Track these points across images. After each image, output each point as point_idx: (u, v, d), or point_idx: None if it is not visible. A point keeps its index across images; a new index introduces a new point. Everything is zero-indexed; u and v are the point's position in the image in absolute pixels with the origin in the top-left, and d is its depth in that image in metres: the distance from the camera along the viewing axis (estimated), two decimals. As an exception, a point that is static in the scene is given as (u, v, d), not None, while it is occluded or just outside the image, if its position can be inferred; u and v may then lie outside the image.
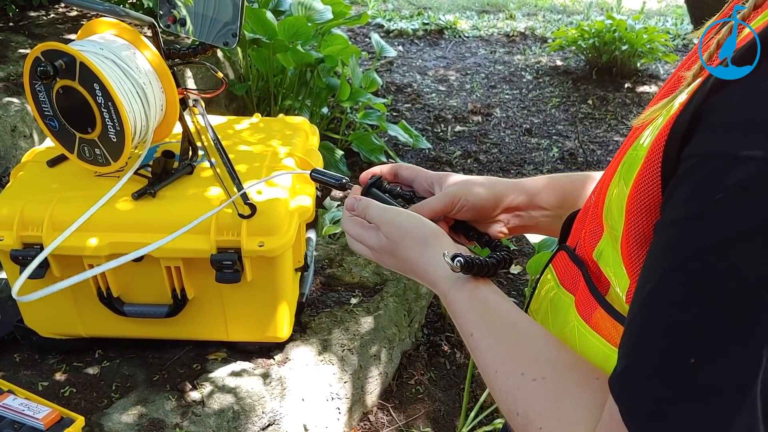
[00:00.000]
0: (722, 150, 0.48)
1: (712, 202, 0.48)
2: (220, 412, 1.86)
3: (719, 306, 0.48)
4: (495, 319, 0.71)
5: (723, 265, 0.48)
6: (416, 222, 0.83)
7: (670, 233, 0.52)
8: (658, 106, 0.62)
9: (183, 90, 1.90)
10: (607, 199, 0.67)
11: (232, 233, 1.77)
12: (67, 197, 1.84)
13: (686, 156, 0.51)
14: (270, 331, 1.97)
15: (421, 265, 0.80)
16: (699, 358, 0.49)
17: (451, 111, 4.54)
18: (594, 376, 0.64)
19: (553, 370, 0.65)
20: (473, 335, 0.71)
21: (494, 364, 0.68)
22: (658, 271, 0.52)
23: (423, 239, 0.81)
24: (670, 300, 0.50)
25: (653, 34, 5.01)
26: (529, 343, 0.68)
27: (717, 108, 0.49)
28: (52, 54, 1.70)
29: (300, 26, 3.40)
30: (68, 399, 1.92)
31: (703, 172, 0.49)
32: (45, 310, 1.98)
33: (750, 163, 0.46)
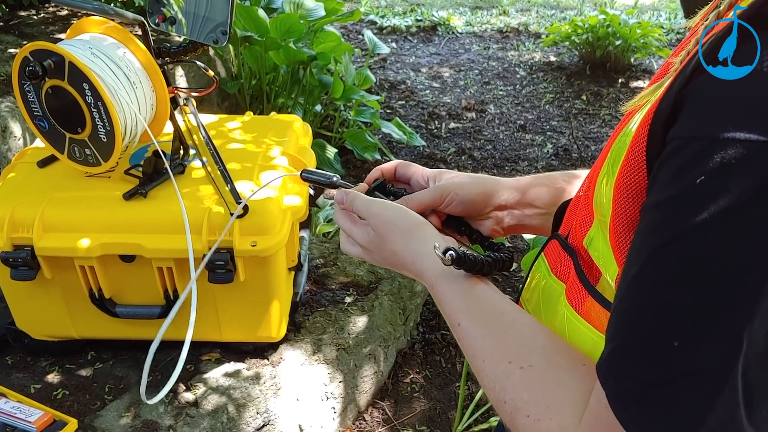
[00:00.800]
0: (704, 132, 0.48)
1: (694, 184, 0.48)
2: (214, 413, 1.85)
3: (701, 288, 0.48)
4: (482, 308, 0.71)
5: (705, 247, 0.48)
6: (401, 213, 0.82)
7: (654, 216, 0.52)
8: (647, 91, 0.63)
9: (174, 89, 1.89)
10: (597, 186, 0.67)
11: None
12: (58, 198, 1.83)
13: (670, 139, 0.51)
14: (264, 331, 1.95)
15: (408, 256, 0.79)
16: (682, 340, 0.49)
17: (444, 108, 4.53)
18: (581, 362, 0.64)
19: (541, 357, 0.64)
20: (461, 325, 0.71)
21: (482, 353, 0.68)
22: (642, 253, 0.52)
23: (407, 230, 0.80)
24: (654, 282, 0.51)
25: (647, 29, 5.01)
26: (516, 332, 0.68)
27: (699, 90, 0.50)
28: (41, 53, 1.68)
29: (292, 23, 3.38)
30: (61, 401, 1.90)
31: (685, 155, 0.49)
32: (37, 312, 1.96)
33: (731, 145, 0.46)
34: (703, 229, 0.47)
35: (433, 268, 0.76)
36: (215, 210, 1.78)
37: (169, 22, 1.74)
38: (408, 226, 0.80)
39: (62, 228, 1.79)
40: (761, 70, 0.47)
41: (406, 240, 0.79)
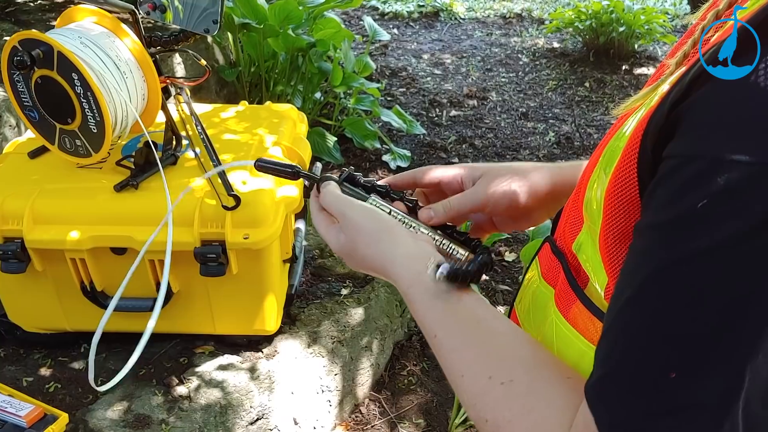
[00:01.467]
0: (706, 151, 0.45)
1: (696, 207, 0.45)
2: (207, 407, 1.83)
3: (702, 318, 0.45)
4: (459, 318, 0.67)
5: (706, 275, 0.45)
6: (367, 215, 0.77)
7: (651, 238, 0.49)
8: (640, 95, 0.60)
9: (166, 78, 1.86)
10: (588, 190, 0.64)
11: (216, 225, 1.73)
12: (49, 190, 1.80)
13: (668, 155, 0.48)
14: (258, 324, 1.93)
15: (377, 261, 0.75)
16: (680, 372, 0.46)
17: (446, 95, 4.49)
18: (566, 375, 0.60)
19: (522, 370, 0.61)
20: (437, 336, 0.67)
21: (460, 367, 0.64)
22: (637, 277, 0.49)
23: (375, 234, 0.75)
24: (650, 309, 0.48)
25: (651, 14, 4.95)
26: (495, 342, 0.64)
27: (700, 104, 0.46)
28: (30, 43, 1.65)
29: (291, 10, 3.34)
30: (53, 395, 1.89)
31: (685, 174, 0.46)
32: (29, 304, 1.94)
33: (735, 167, 0.43)
34: (704, 255, 0.44)
35: (405, 275, 0.71)
36: (207, 202, 1.75)
37: (159, 10, 1.70)
38: (375, 230, 0.75)
39: (53, 220, 1.77)
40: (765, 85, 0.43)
41: (375, 244, 0.75)
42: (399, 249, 0.73)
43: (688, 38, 0.57)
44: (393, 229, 0.76)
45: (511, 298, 2.70)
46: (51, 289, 1.88)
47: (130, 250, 1.79)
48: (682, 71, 0.50)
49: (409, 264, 0.71)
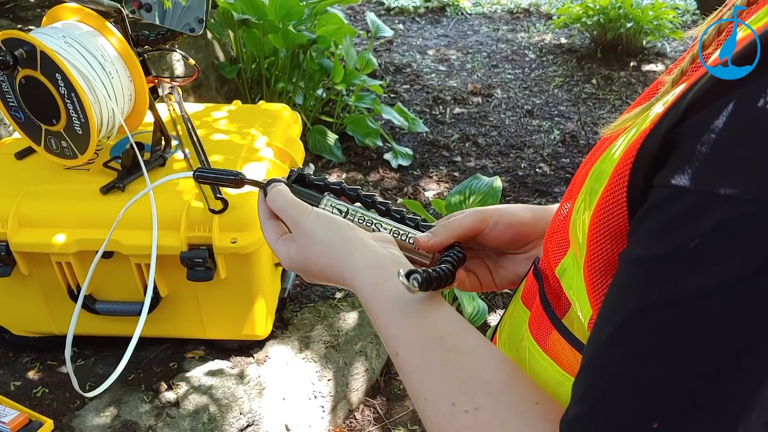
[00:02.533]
0: (700, 184, 0.40)
1: (687, 245, 0.40)
2: (196, 413, 1.80)
3: (690, 366, 0.41)
4: (421, 335, 0.61)
5: (695, 320, 0.40)
6: (322, 221, 0.70)
7: (636, 272, 0.45)
8: (631, 114, 0.55)
9: (154, 78, 1.82)
10: (574, 211, 0.59)
11: (203, 229, 1.70)
12: (35, 191, 1.77)
13: (659, 184, 0.44)
14: (248, 328, 1.90)
15: (335, 271, 0.68)
16: (663, 422, 0.41)
17: (450, 92, 4.43)
18: (534, 400, 0.55)
19: (487, 397, 0.56)
20: (398, 354, 0.61)
21: (422, 390, 0.58)
22: (620, 313, 0.45)
23: (331, 243, 0.69)
24: (633, 350, 0.43)
25: (659, 10, 4.87)
26: (458, 363, 0.58)
27: (698, 131, 0.41)
28: (13, 42, 1.62)
29: (291, 6, 3.29)
30: (40, 400, 1.86)
31: (676, 207, 0.41)
32: (16, 308, 1.92)
33: (733, 205, 0.39)
34: (695, 298, 0.40)
35: (364, 286, 0.65)
36: (194, 205, 1.71)
37: (144, 9, 1.67)
38: (329, 239, 0.69)
39: (38, 222, 1.74)
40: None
41: (330, 254, 0.68)
42: (357, 258, 0.67)
43: (689, 53, 0.53)
44: (350, 236, 0.69)
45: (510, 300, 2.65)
46: (38, 292, 1.85)
47: (116, 254, 1.75)
48: (680, 92, 0.45)
49: (368, 274, 0.65)
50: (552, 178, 3.51)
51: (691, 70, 0.51)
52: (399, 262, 0.67)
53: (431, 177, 3.48)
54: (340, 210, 0.76)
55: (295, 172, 0.79)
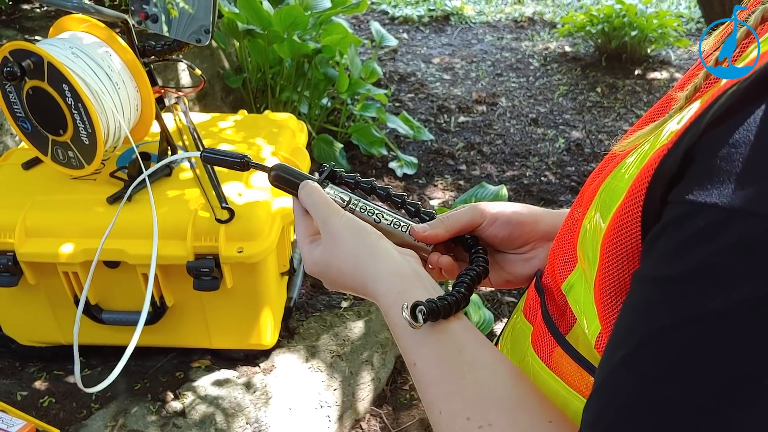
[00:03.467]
0: (720, 200, 0.39)
1: (706, 264, 0.39)
2: (202, 423, 1.80)
3: (708, 387, 0.40)
4: (439, 348, 0.61)
5: (717, 340, 0.39)
6: (350, 225, 0.70)
7: (651, 292, 0.43)
8: (644, 131, 0.54)
9: (160, 88, 1.83)
10: (583, 227, 0.58)
11: (209, 239, 1.70)
12: (41, 201, 1.78)
13: (675, 200, 0.43)
14: (254, 338, 1.89)
15: (358, 277, 0.68)
16: None
17: (455, 101, 4.43)
18: (548, 419, 0.55)
19: (501, 413, 0.56)
20: (416, 365, 0.61)
21: (438, 403, 0.58)
22: (634, 335, 0.44)
23: (356, 249, 0.68)
24: (648, 374, 0.42)
25: (664, 18, 4.87)
26: (475, 378, 0.58)
27: (715, 146, 0.41)
28: (20, 53, 1.62)
29: (296, 16, 3.30)
30: (47, 410, 1.86)
31: (695, 225, 0.40)
32: (22, 318, 1.92)
33: (754, 222, 0.38)
34: (715, 319, 0.39)
35: (387, 294, 0.65)
36: (201, 215, 1.71)
37: (150, 20, 1.67)
38: (356, 244, 0.69)
39: (45, 233, 1.74)
40: None
41: (354, 259, 0.68)
42: (381, 267, 0.66)
43: (700, 70, 0.52)
44: (376, 244, 0.69)
45: (517, 309, 2.65)
46: (44, 302, 1.86)
47: (123, 264, 1.75)
48: (698, 109, 0.44)
49: (391, 283, 0.65)
50: (557, 186, 3.50)
51: (705, 87, 0.50)
52: (419, 274, 0.67)
53: (436, 185, 3.48)
54: (343, 198, 0.75)
55: (327, 169, 0.78)
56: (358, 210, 0.75)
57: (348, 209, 0.75)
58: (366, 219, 0.75)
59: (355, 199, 0.76)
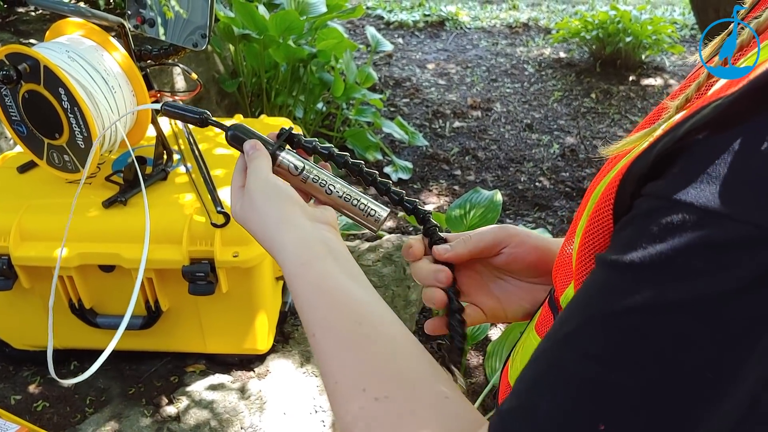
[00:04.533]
0: (695, 200, 0.40)
1: (670, 256, 0.40)
2: (196, 427, 1.79)
3: (649, 374, 0.41)
4: (340, 319, 0.61)
5: (665, 331, 0.40)
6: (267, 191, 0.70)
7: (608, 275, 0.44)
8: (634, 137, 0.54)
9: (156, 92, 1.83)
10: (575, 238, 0.59)
11: (205, 243, 1.70)
12: (36, 205, 1.77)
13: (648, 194, 0.43)
14: (249, 343, 1.89)
15: (266, 243, 0.68)
16: (611, 425, 0.41)
17: (450, 106, 4.45)
18: (444, 395, 0.56)
19: (399, 386, 0.56)
20: (315, 336, 0.61)
21: (334, 373, 0.58)
22: (582, 312, 0.44)
23: (265, 214, 0.69)
24: (591, 352, 0.43)
25: (658, 25, 4.89)
26: (373, 350, 0.58)
27: (699, 151, 0.42)
28: (17, 57, 1.62)
29: (292, 20, 3.31)
30: (40, 414, 1.85)
31: (665, 219, 0.41)
32: (17, 322, 1.91)
33: (726, 224, 0.39)
34: (668, 310, 0.40)
35: (290, 262, 0.65)
36: (196, 219, 1.71)
37: (147, 24, 1.67)
38: (266, 210, 0.69)
39: (40, 236, 1.74)
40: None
41: (263, 226, 0.69)
42: (286, 237, 0.67)
43: (692, 81, 0.52)
44: (286, 212, 0.69)
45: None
46: (39, 306, 1.85)
47: (118, 268, 1.75)
48: (679, 118, 0.45)
49: (295, 254, 0.65)
50: (552, 191, 3.51)
51: (697, 97, 0.51)
52: (329, 245, 0.67)
53: (431, 190, 3.48)
54: (296, 166, 0.75)
55: (286, 131, 0.78)
56: (311, 180, 0.75)
57: (301, 178, 0.75)
58: (317, 189, 0.75)
59: (309, 167, 0.75)
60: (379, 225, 0.75)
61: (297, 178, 0.75)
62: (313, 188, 0.75)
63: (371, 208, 0.75)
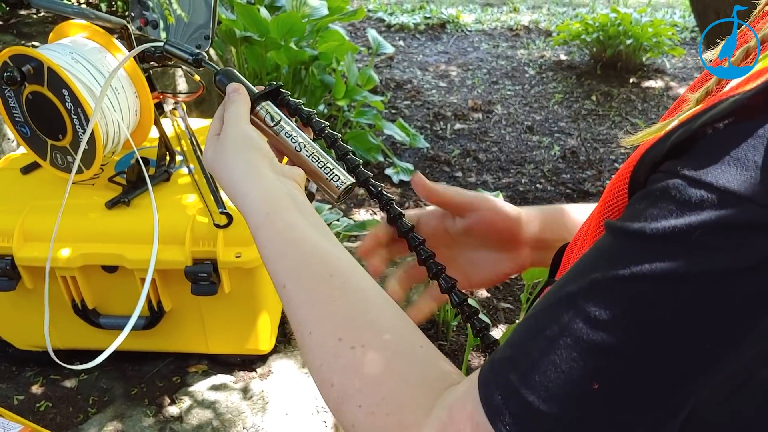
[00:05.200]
0: (715, 180, 0.41)
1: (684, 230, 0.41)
2: (199, 428, 1.80)
3: (650, 341, 0.42)
4: (312, 269, 0.61)
5: (673, 298, 0.41)
6: (239, 140, 0.70)
7: (619, 241, 0.45)
8: (652, 129, 0.55)
9: (159, 94, 1.84)
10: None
11: (207, 244, 1.71)
12: (40, 206, 1.78)
13: (667, 170, 0.44)
14: (251, 343, 1.90)
15: (230, 192, 0.68)
16: (605, 385, 0.42)
17: (451, 108, 4.45)
18: (418, 344, 0.56)
19: (374, 335, 0.56)
20: (286, 287, 0.61)
21: (308, 324, 0.58)
22: (588, 274, 0.45)
23: (233, 162, 0.69)
24: (593, 313, 0.43)
25: (659, 27, 4.90)
26: (347, 300, 0.59)
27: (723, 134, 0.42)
28: (21, 58, 1.63)
29: (293, 23, 3.32)
30: (43, 414, 1.86)
31: (684, 196, 0.42)
32: (19, 322, 1.92)
33: (744, 205, 0.40)
34: (680, 279, 0.41)
35: (254, 214, 0.65)
36: (199, 220, 1.72)
37: (150, 26, 1.68)
38: (234, 158, 0.69)
39: (43, 237, 1.75)
40: None
41: (230, 173, 0.68)
42: (251, 187, 0.67)
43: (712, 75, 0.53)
44: (254, 162, 0.69)
45: (512, 316, 2.65)
46: (41, 306, 1.85)
47: (121, 268, 1.76)
48: (697, 110, 0.46)
49: (259, 204, 0.65)
50: (552, 193, 3.52)
51: (717, 90, 0.52)
52: (295, 199, 0.67)
53: (432, 192, 3.48)
54: (273, 118, 0.76)
55: (272, 86, 0.79)
56: (283, 134, 0.75)
57: (274, 129, 0.75)
58: (287, 144, 0.75)
59: (285, 122, 0.76)
60: (340, 192, 0.74)
61: (271, 130, 0.75)
62: (284, 143, 0.75)
63: (336, 174, 0.74)
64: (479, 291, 2.81)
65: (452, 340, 2.52)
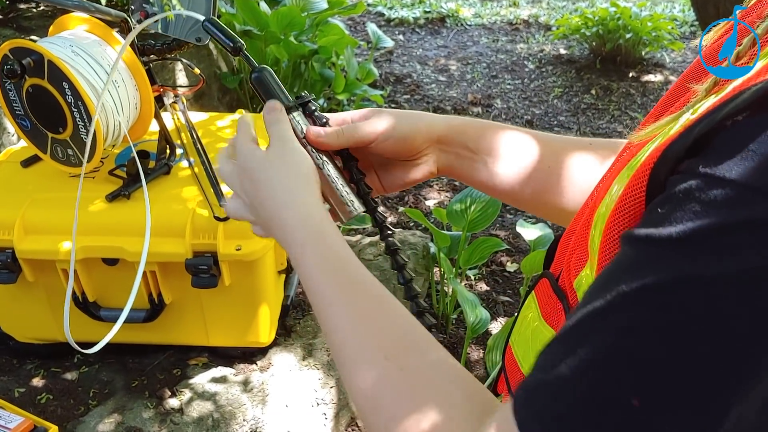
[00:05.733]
0: (738, 177, 0.40)
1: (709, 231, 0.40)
2: (200, 419, 1.81)
3: (690, 348, 0.40)
4: (358, 292, 0.63)
5: (708, 303, 0.40)
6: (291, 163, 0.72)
7: (644, 249, 0.44)
8: (661, 123, 0.54)
9: (159, 87, 1.84)
10: (594, 224, 0.58)
11: (208, 236, 1.71)
12: (40, 199, 1.79)
13: (687, 171, 0.43)
14: (251, 336, 1.91)
15: (275, 217, 0.69)
16: (646, 400, 0.41)
17: (450, 102, 4.46)
18: (461, 370, 0.58)
19: (420, 357, 0.58)
20: (332, 306, 0.62)
21: (355, 342, 0.60)
22: (615, 286, 0.43)
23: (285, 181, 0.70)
24: (625, 326, 0.42)
25: (658, 21, 4.90)
26: (392, 321, 0.61)
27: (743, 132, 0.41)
28: (21, 51, 1.63)
29: (293, 17, 3.32)
30: (45, 406, 1.86)
31: (707, 196, 0.41)
32: (21, 315, 1.93)
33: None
34: (710, 283, 0.40)
35: (302, 235, 0.67)
36: (199, 212, 1.73)
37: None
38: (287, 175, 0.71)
39: (44, 230, 1.75)
40: None
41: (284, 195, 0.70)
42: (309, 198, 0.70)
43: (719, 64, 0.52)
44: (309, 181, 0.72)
45: (512, 309, 2.66)
46: (43, 299, 1.87)
47: (122, 261, 1.77)
48: (717, 101, 0.45)
49: (312, 219, 0.68)
50: (552, 187, 3.52)
51: (724, 80, 0.51)
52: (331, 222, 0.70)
53: (432, 186, 3.49)
54: (303, 130, 0.78)
55: (307, 97, 0.81)
56: (310, 149, 0.77)
57: (302, 141, 0.77)
58: (311, 157, 0.77)
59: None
60: (350, 217, 0.78)
61: (298, 140, 0.77)
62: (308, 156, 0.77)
63: (350, 199, 0.77)
64: (478, 285, 2.82)
65: (452, 333, 2.53)
